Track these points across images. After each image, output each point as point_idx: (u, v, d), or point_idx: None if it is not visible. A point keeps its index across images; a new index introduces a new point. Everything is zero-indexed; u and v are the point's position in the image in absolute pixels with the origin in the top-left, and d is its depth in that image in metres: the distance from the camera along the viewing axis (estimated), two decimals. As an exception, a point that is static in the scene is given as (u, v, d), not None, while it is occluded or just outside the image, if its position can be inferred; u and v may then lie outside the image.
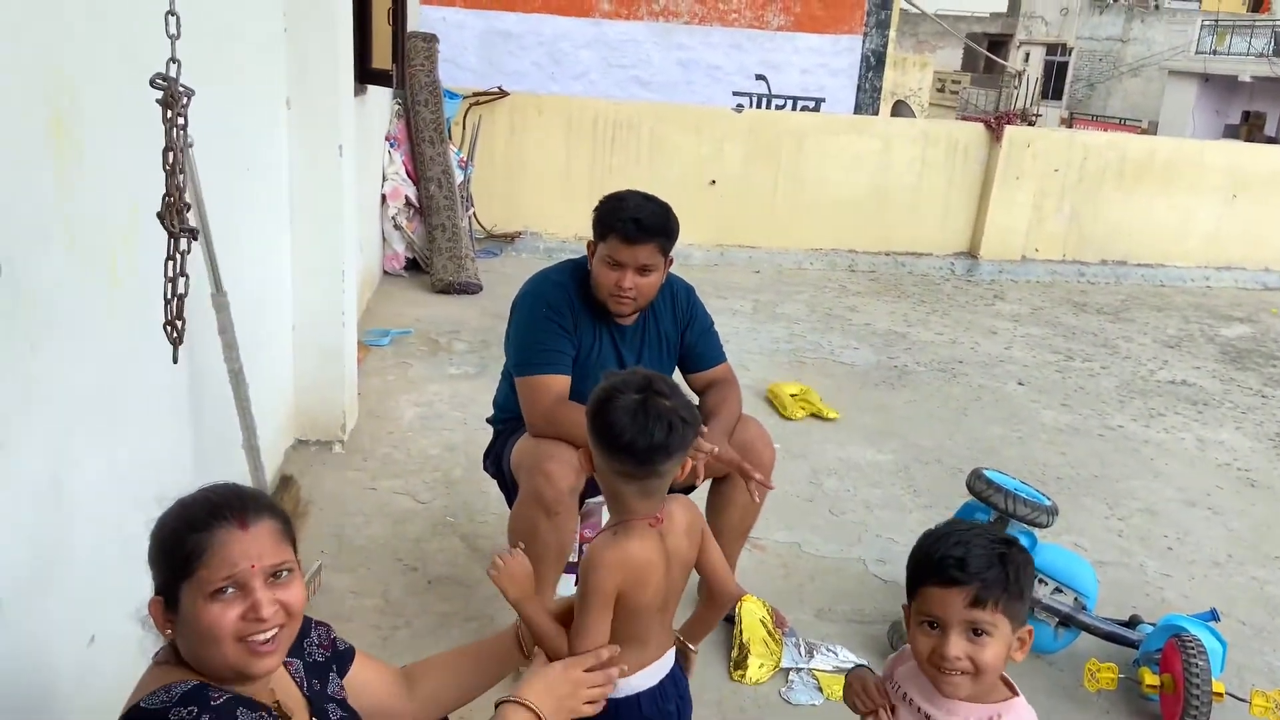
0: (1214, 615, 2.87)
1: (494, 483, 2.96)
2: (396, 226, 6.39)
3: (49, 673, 1.81)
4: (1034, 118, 8.27)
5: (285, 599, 1.34)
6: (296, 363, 3.74)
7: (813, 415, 4.61)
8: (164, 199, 1.72)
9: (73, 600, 1.89)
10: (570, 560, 2.84)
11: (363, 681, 1.64)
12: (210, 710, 1.24)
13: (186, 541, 1.30)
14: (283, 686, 1.46)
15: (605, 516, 2.91)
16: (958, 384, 5.33)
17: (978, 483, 2.84)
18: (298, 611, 1.37)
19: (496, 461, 2.81)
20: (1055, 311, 7.11)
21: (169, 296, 1.87)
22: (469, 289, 6.20)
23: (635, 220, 2.46)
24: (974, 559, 1.47)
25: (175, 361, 2.14)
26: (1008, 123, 7.85)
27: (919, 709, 1.55)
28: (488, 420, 2.95)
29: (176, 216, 1.70)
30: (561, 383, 2.56)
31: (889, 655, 1.92)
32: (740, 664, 2.72)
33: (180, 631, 1.32)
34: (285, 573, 1.36)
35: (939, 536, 1.53)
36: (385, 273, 6.47)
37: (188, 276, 1.87)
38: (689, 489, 2.74)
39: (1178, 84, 29.97)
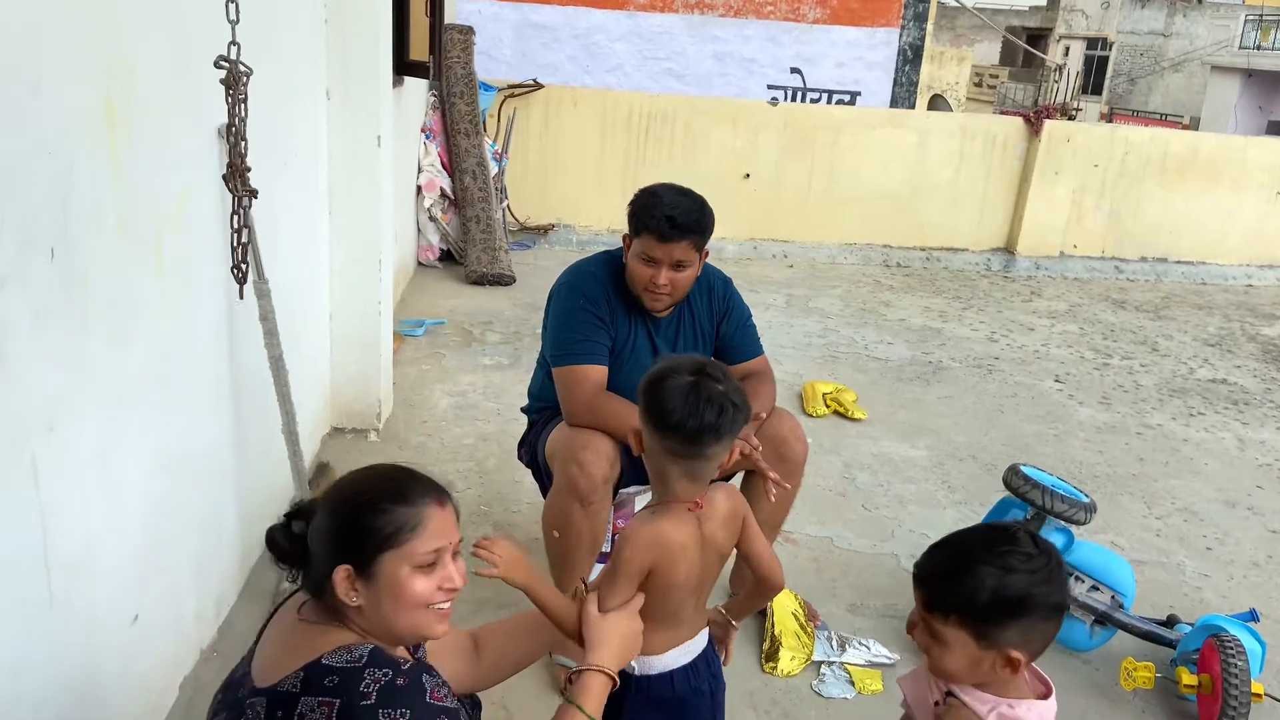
0: (1253, 616, 2.83)
1: (527, 472, 2.97)
2: (431, 218, 6.44)
3: (93, 650, 1.85)
4: (1074, 112, 8.14)
5: (462, 572, 1.48)
6: (333, 352, 3.78)
7: (838, 413, 4.59)
8: (228, 165, 1.82)
9: (118, 579, 1.93)
10: (603, 550, 2.85)
11: (436, 646, 1.69)
12: (402, 674, 1.34)
13: (396, 515, 1.38)
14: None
15: (639, 507, 2.93)
16: (993, 381, 5.28)
17: (1015, 479, 2.81)
18: (463, 585, 1.50)
19: (531, 451, 2.82)
20: (1094, 308, 7.03)
21: (235, 245, 2.02)
22: (502, 280, 6.23)
23: (669, 218, 2.46)
24: (942, 568, 1.43)
25: (241, 298, 2.22)
26: (1047, 117, 7.76)
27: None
28: (522, 410, 2.97)
29: (239, 179, 1.82)
30: (599, 373, 2.57)
31: None
32: (771, 656, 2.72)
33: (369, 597, 1.39)
34: (459, 551, 1.50)
35: (961, 532, 1.51)
36: (420, 264, 6.52)
37: (251, 228, 1.99)
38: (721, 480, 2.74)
39: (1220, 79, 29.45)
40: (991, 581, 1.37)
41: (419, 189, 6.38)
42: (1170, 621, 2.88)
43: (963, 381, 5.23)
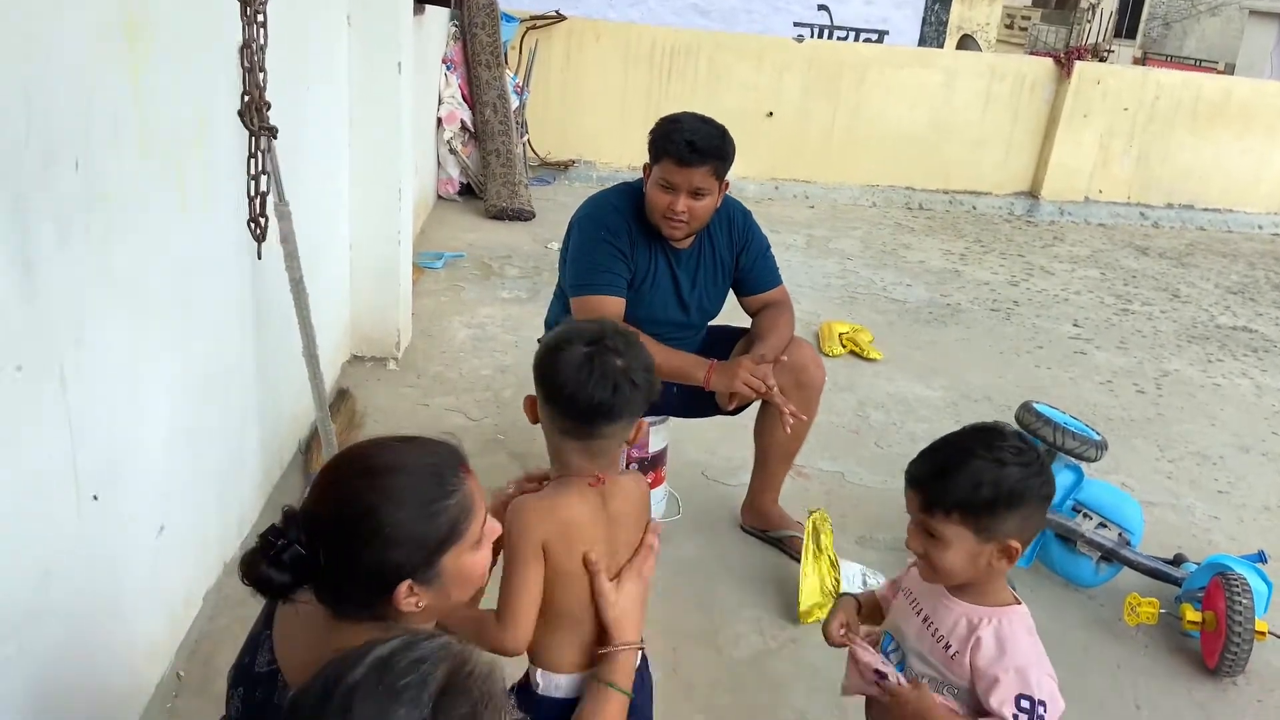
0: (1262, 557, 2.86)
1: (544, 402, 3.00)
2: (451, 151, 6.41)
3: (122, 559, 1.91)
4: (1105, 53, 7.94)
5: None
6: (353, 280, 3.80)
7: (853, 353, 4.60)
8: (243, 97, 1.73)
9: (144, 492, 1.98)
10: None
11: None
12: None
13: (449, 511, 1.23)
14: None
15: (653, 436, 2.97)
16: (1011, 324, 5.27)
17: (1027, 415, 2.83)
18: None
19: (548, 380, 2.85)
20: (1116, 254, 6.96)
21: (252, 195, 1.88)
22: (522, 216, 6.22)
23: (689, 143, 2.45)
24: (940, 469, 1.45)
25: (260, 257, 2.15)
26: (1078, 58, 7.61)
27: (919, 609, 1.57)
28: (539, 340, 2.99)
29: (256, 115, 1.71)
30: (617, 304, 2.59)
31: None
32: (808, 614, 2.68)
33: (432, 596, 1.25)
34: None
35: (948, 436, 1.52)
36: (439, 197, 6.51)
37: (269, 174, 1.87)
38: (736, 412, 2.77)
39: (1258, 25, 28.63)
40: (989, 475, 1.42)
41: (439, 121, 6.35)
42: (1177, 560, 2.91)
43: (981, 324, 5.22)
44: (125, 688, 1.96)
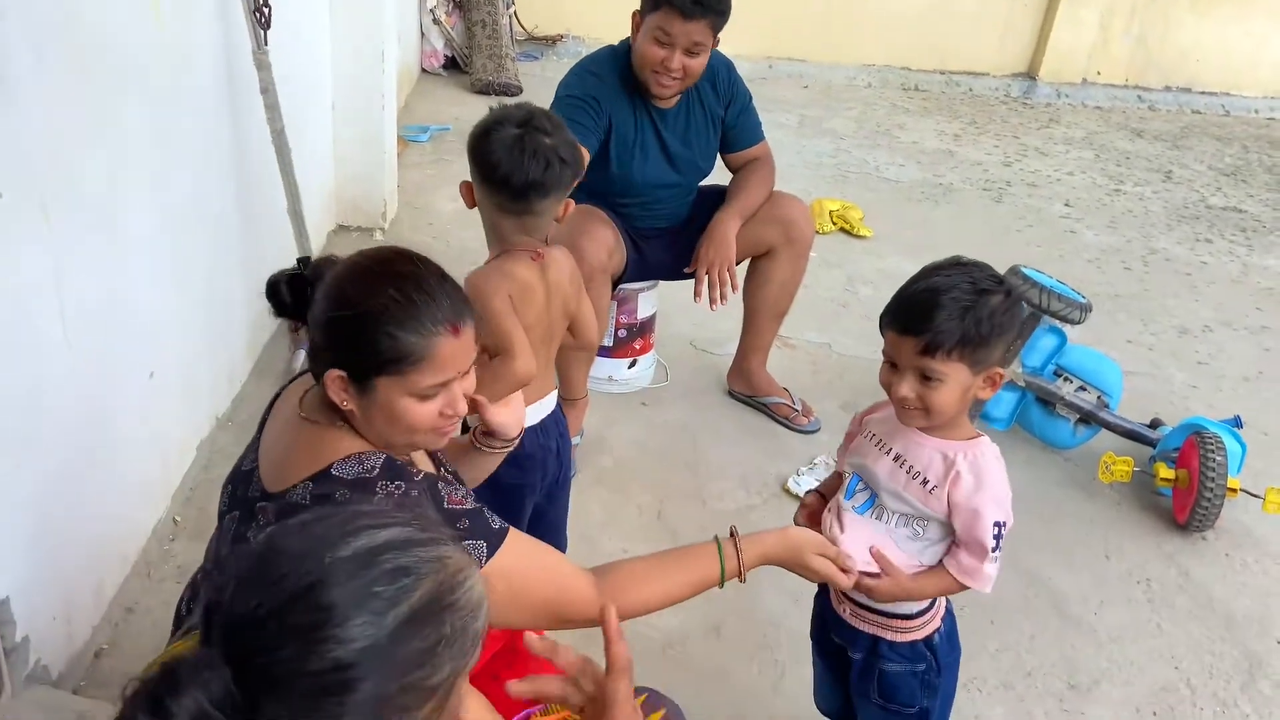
0: (1237, 422, 2.90)
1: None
2: (435, 20, 6.22)
3: (114, 402, 1.92)
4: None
5: (468, 388, 1.33)
6: (336, 148, 3.73)
7: (843, 230, 4.58)
8: None
9: (133, 337, 1.99)
10: (604, 344, 2.91)
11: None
12: (415, 485, 1.25)
13: (401, 343, 1.21)
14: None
15: (641, 303, 2.97)
16: (1003, 204, 5.24)
17: (1014, 278, 2.83)
18: (466, 410, 1.37)
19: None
20: (1111, 136, 6.89)
21: None
22: (509, 90, 6.08)
23: None
24: (932, 310, 1.44)
25: (266, 44, 2.19)
26: (1082, -69, 7.36)
27: (889, 449, 1.59)
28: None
29: None
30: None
31: None
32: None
33: (363, 406, 1.26)
34: (470, 370, 1.33)
35: (919, 277, 1.51)
36: (424, 70, 6.35)
37: None
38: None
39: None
40: (984, 309, 1.44)
41: (422, -11, 6.14)
42: (1154, 425, 2.96)
43: (972, 204, 5.19)
44: (122, 527, 2.00)
